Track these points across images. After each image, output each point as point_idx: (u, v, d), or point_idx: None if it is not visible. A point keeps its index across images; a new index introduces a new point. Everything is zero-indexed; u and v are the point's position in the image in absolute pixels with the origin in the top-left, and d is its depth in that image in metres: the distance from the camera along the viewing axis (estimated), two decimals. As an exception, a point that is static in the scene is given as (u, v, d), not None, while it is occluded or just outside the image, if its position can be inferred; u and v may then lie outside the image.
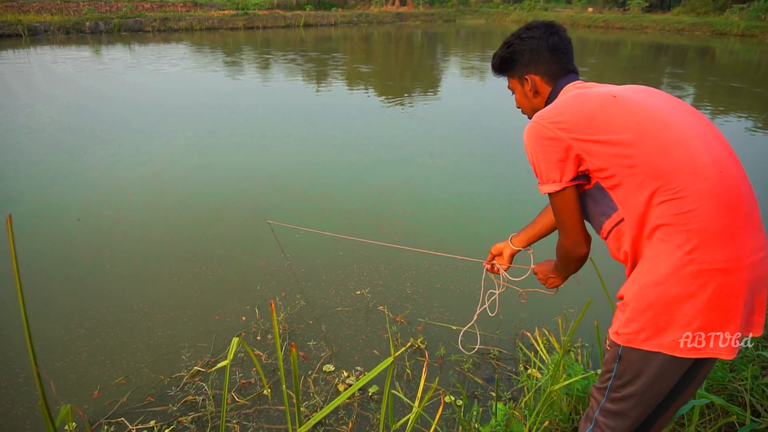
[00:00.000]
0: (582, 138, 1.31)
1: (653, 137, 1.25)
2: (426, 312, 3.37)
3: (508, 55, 1.58)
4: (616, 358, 1.37)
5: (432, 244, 4.24)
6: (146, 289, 3.58)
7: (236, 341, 1.33)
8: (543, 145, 1.36)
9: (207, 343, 3.03)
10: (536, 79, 1.55)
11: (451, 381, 2.79)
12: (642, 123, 1.27)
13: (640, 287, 1.29)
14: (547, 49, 1.51)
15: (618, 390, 1.40)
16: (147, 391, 2.68)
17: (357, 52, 19.35)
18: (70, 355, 2.92)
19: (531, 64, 1.54)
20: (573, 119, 1.32)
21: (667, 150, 1.24)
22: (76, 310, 3.33)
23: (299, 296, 3.50)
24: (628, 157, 1.26)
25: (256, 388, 2.70)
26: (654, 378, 1.32)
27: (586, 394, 2.22)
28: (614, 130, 1.28)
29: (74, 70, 13.28)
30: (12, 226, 0.83)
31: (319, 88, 11.71)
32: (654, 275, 1.26)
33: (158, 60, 15.42)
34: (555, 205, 1.40)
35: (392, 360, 1.26)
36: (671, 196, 1.23)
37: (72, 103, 9.42)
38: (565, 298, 3.43)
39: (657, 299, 1.25)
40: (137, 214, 4.74)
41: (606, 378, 1.42)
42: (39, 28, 21.80)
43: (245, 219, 4.66)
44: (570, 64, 1.54)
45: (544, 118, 1.36)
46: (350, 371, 2.81)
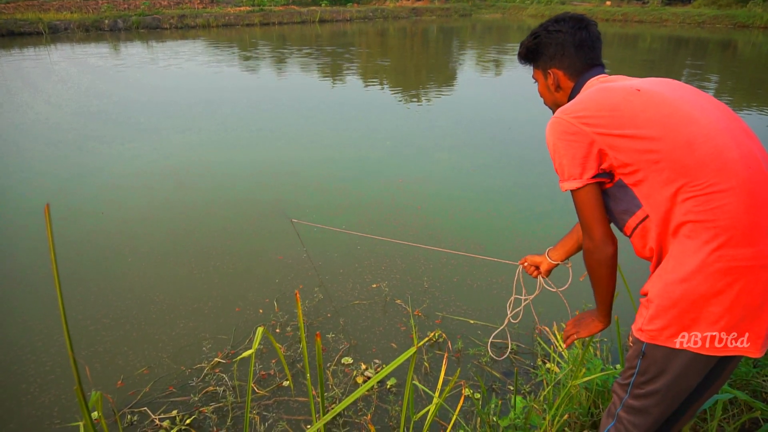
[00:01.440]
0: (606, 132, 1.29)
1: (678, 131, 1.23)
2: (443, 306, 3.38)
3: (533, 47, 1.57)
4: (639, 355, 1.36)
5: (450, 239, 4.24)
6: (167, 282, 3.64)
7: (261, 331, 1.35)
8: (566, 140, 1.34)
9: (227, 335, 3.07)
10: (559, 74, 1.54)
11: (469, 374, 2.79)
12: (667, 117, 1.25)
13: (666, 284, 1.27)
14: (573, 45, 1.50)
15: (641, 386, 1.39)
16: (169, 381, 2.73)
17: (373, 47, 19.32)
18: (95, 345, 2.98)
19: (555, 58, 1.53)
20: (597, 114, 1.31)
21: (694, 145, 1.22)
22: (100, 301, 3.39)
23: (317, 289, 3.53)
24: (653, 152, 1.24)
25: (275, 380, 2.74)
26: (678, 375, 1.31)
27: (605, 389, 2.21)
28: (639, 124, 1.26)
29: (94, 67, 13.46)
30: (50, 216, 0.85)
31: (335, 83, 11.72)
32: (680, 272, 1.24)
33: (176, 56, 15.56)
34: (577, 202, 1.36)
35: (415, 350, 1.27)
36: (698, 192, 1.21)
37: (95, 100, 9.56)
38: (583, 293, 3.40)
39: (683, 296, 1.23)
40: (158, 208, 4.81)
41: (629, 374, 1.41)
42: (59, 26, 22.11)
43: (263, 213, 4.70)
44: (596, 59, 1.52)
45: (567, 113, 1.35)
46: (368, 364, 2.83)
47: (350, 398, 1.23)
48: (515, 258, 2.22)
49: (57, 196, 5.07)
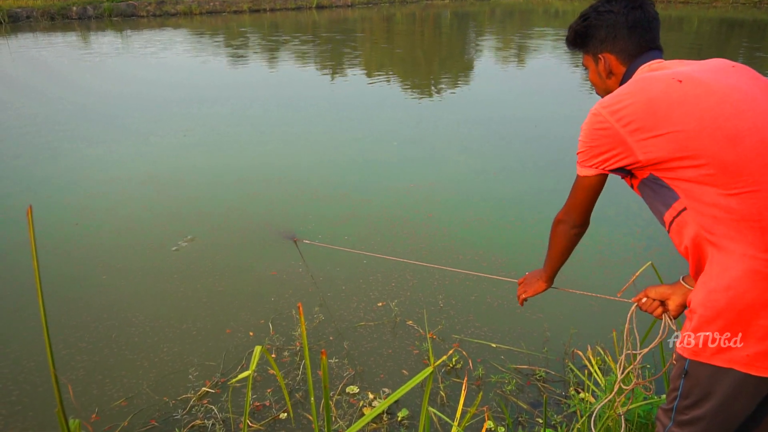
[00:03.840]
0: (639, 134, 1.34)
1: (719, 126, 1.26)
2: (461, 327, 3.40)
3: (582, 30, 1.61)
4: (682, 374, 1.37)
5: (467, 253, 4.27)
6: (149, 300, 3.69)
7: (259, 350, 1.39)
8: (596, 136, 1.42)
9: (216, 361, 3.11)
10: (611, 59, 1.58)
11: (491, 404, 2.81)
12: (708, 110, 1.28)
13: (708, 292, 1.29)
14: (626, 26, 1.53)
15: (685, 412, 1.40)
16: (150, 414, 2.76)
17: (377, 34, 19.49)
18: (67, 372, 3.03)
19: (607, 41, 1.57)
20: (632, 109, 1.35)
21: (737, 139, 1.25)
22: (73, 322, 3.44)
23: (317, 309, 3.57)
24: (689, 149, 1.28)
25: (271, 411, 2.77)
26: (726, 399, 1.32)
27: (649, 422, 2.23)
28: (674, 120, 1.30)
29: (58, 59, 13.66)
30: (33, 219, 0.90)
31: (335, 77, 11.84)
32: (724, 279, 1.26)
33: (153, 48, 15.76)
34: (579, 184, 1.56)
35: (432, 370, 1.30)
36: (742, 189, 1.23)
37: (61, 96, 9.70)
38: (620, 310, 3.42)
39: (728, 306, 1.25)
40: (137, 219, 4.87)
41: (672, 398, 1.42)
42: (20, 14, 22.45)
43: (254, 225, 4.75)
44: (652, 41, 1.55)
45: (604, 106, 1.41)
46: (377, 393, 2.85)
47: (358, 425, 1.26)
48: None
49: (22, 203, 5.15)
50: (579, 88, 10.64)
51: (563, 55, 14.42)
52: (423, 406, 1.31)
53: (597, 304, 3.55)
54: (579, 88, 10.64)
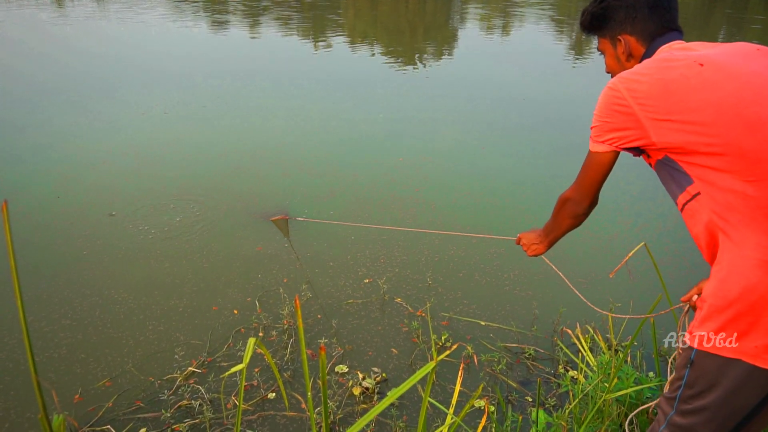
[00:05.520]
0: (654, 116, 1.31)
1: (738, 112, 1.23)
2: (449, 305, 3.38)
3: (600, 12, 1.57)
4: (687, 363, 1.36)
5: (455, 228, 4.23)
6: (134, 277, 3.59)
7: (253, 342, 1.32)
8: (612, 110, 1.38)
9: (202, 341, 3.05)
10: (631, 40, 1.54)
11: (479, 384, 2.80)
12: (727, 96, 1.25)
13: (720, 281, 1.27)
14: (647, 6, 1.50)
15: (689, 401, 1.38)
16: (136, 394, 2.70)
17: (360, 2, 19.10)
18: (49, 350, 2.95)
19: (626, 22, 1.53)
20: (648, 89, 1.31)
21: (756, 126, 1.22)
22: (55, 298, 3.34)
23: (305, 287, 3.51)
24: (705, 136, 1.25)
25: (259, 391, 2.73)
26: (732, 390, 1.30)
27: (639, 402, 2.22)
28: (691, 106, 1.26)
29: (26, 25, 13.17)
30: (8, 214, 0.81)
31: (317, 47, 11.58)
32: (737, 268, 1.24)
33: (130, 11, 15.26)
34: (590, 160, 1.50)
35: (434, 365, 1.26)
36: (760, 176, 1.21)
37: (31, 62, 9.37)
38: (612, 290, 3.42)
39: (740, 296, 1.23)
40: (119, 191, 4.73)
41: (676, 386, 1.41)
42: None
43: (240, 200, 4.64)
44: (672, 22, 1.52)
45: (622, 81, 1.37)
46: (366, 372, 2.82)
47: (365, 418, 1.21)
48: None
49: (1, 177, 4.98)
50: (563, 60, 10.56)
51: (549, 26, 14.28)
52: (423, 402, 1.26)
53: (586, 281, 3.54)
54: (563, 60, 10.56)
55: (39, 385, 0.98)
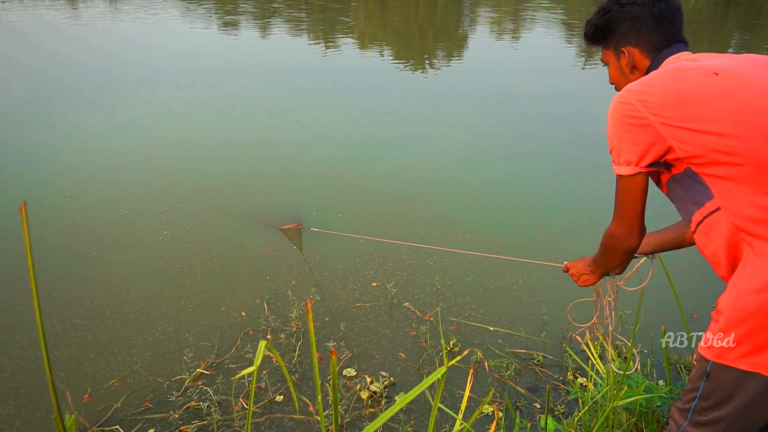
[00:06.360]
0: (670, 123, 1.29)
1: (757, 121, 1.22)
2: (458, 309, 3.37)
3: (604, 24, 1.56)
4: (703, 376, 1.34)
5: (464, 232, 4.22)
6: (144, 277, 3.61)
7: (264, 345, 1.32)
8: (626, 124, 1.35)
9: (211, 342, 3.06)
10: (635, 52, 1.53)
11: (487, 389, 2.79)
12: (745, 105, 1.24)
13: (738, 294, 1.26)
14: (651, 18, 1.49)
15: (703, 413, 1.37)
16: (145, 395, 2.72)
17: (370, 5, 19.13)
18: (59, 348, 2.96)
19: (630, 34, 1.52)
20: (662, 99, 1.30)
21: None
22: (65, 297, 3.36)
23: (314, 290, 3.51)
24: (725, 146, 1.24)
25: (267, 394, 2.73)
26: (749, 404, 1.29)
27: (649, 410, 2.21)
28: (709, 116, 1.25)
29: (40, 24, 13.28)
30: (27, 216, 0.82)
31: (327, 48, 11.60)
32: (756, 281, 1.22)
33: (141, 12, 15.35)
34: (621, 187, 1.44)
35: (445, 370, 1.25)
36: None
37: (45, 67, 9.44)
38: (622, 297, 3.39)
39: (758, 309, 1.22)
40: (131, 191, 4.75)
41: (690, 398, 1.39)
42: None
43: (250, 202, 4.65)
44: (677, 34, 1.51)
45: (631, 94, 1.35)
46: (374, 376, 2.82)
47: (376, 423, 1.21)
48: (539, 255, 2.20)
49: (14, 176, 5.00)
50: (573, 65, 10.53)
51: (560, 29, 14.25)
52: (433, 409, 1.26)
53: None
54: (573, 65, 10.53)
55: (54, 384, 0.98)
